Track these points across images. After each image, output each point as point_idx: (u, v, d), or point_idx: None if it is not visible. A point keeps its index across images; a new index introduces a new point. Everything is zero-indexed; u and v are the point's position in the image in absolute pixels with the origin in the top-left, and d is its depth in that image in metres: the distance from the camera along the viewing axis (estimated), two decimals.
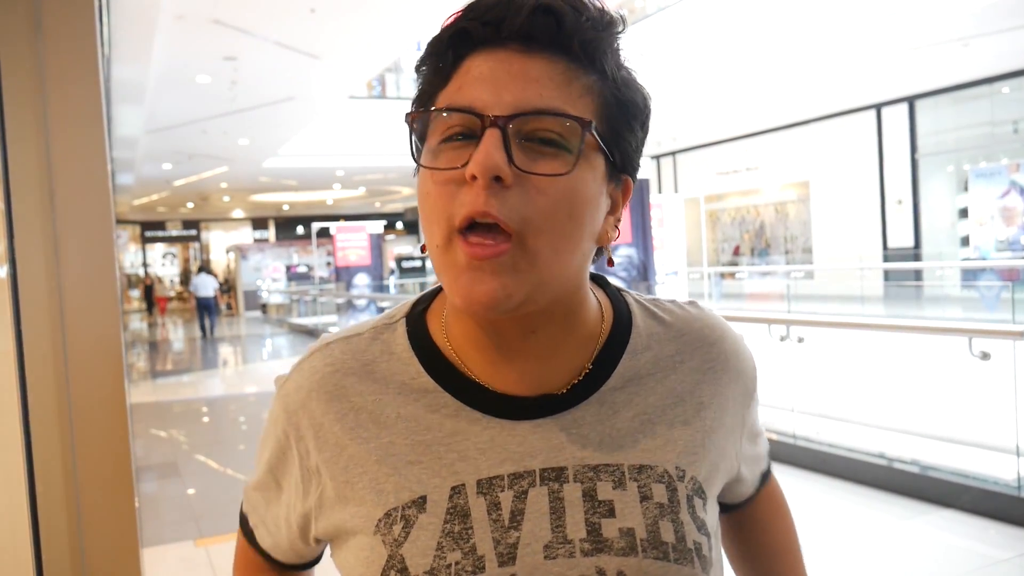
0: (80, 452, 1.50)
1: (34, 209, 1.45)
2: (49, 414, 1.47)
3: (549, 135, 0.63)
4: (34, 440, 1.45)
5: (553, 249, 0.64)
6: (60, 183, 1.47)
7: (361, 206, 31.75)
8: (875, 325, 6.61)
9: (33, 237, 1.45)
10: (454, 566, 0.65)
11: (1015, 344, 4.32)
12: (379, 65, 11.75)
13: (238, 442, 7.61)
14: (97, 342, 1.50)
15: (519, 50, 0.64)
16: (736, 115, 16.29)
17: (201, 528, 4.76)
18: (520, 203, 0.62)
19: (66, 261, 1.47)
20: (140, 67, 9.40)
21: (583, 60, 0.65)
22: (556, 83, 0.64)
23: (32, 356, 1.45)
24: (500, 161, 0.61)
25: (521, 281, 0.63)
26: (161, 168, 18.89)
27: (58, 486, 1.47)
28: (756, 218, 20.23)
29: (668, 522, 0.69)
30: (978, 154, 14.70)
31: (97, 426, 1.51)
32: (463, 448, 0.70)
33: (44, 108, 1.46)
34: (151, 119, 13.01)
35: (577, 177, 0.64)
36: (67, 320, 1.47)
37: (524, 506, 0.68)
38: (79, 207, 1.48)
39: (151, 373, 13.22)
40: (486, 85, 0.64)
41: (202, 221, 33.53)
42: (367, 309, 17.39)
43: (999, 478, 4.27)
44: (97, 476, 1.50)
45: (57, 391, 1.48)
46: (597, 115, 0.66)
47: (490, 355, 0.71)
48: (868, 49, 11.20)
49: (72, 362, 1.48)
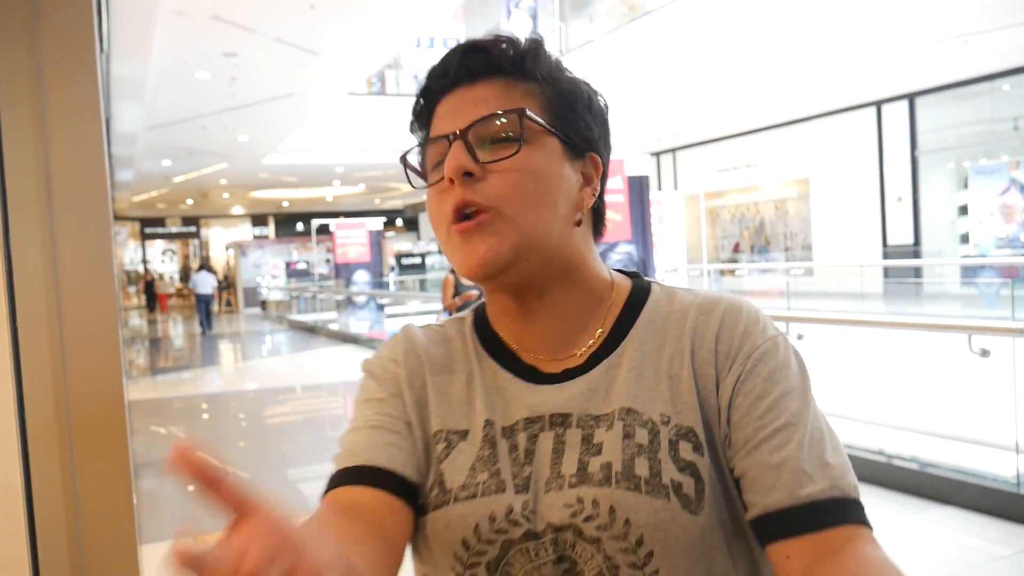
0: (78, 448, 1.50)
1: (31, 205, 1.45)
2: (46, 411, 1.47)
3: (500, 133, 0.81)
4: (31, 437, 1.44)
5: (526, 211, 0.80)
6: (58, 179, 1.47)
7: (361, 203, 31.76)
8: (875, 322, 6.61)
9: (30, 233, 1.45)
10: (481, 484, 0.80)
11: (1015, 341, 4.32)
12: (379, 61, 11.75)
13: (238, 439, 7.61)
14: (95, 339, 1.50)
15: (466, 85, 0.84)
16: (736, 112, 16.28)
17: (201, 525, 4.75)
18: (490, 187, 0.79)
19: (63, 257, 1.47)
20: (140, 63, 9.39)
21: (516, 75, 0.84)
22: (498, 96, 0.82)
23: (29, 353, 1.45)
24: (464, 161, 0.79)
25: (504, 240, 0.79)
26: (161, 164, 18.88)
27: (55, 482, 1.46)
28: (756, 215, 20.23)
29: (644, 459, 0.78)
30: (978, 151, 14.69)
31: (95, 422, 1.50)
32: (498, 400, 0.86)
33: (42, 104, 1.46)
34: (151, 115, 13.00)
35: (530, 156, 0.81)
36: (64, 317, 1.46)
37: (535, 447, 0.82)
38: (77, 203, 1.48)
39: (151, 370, 13.22)
40: (449, 117, 0.84)
41: (202, 218, 33.52)
42: (367, 306, 17.39)
43: (998, 475, 4.27)
44: (95, 472, 1.50)
45: (54, 387, 1.48)
46: (540, 109, 0.83)
47: (516, 319, 0.89)
48: (868, 46, 11.19)
49: (70, 359, 1.48)
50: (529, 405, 0.85)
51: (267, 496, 0.54)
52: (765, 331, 0.83)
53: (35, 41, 1.46)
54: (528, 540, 0.77)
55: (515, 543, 0.77)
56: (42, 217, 1.45)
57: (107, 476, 1.51)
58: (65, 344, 1.47)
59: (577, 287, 0.87)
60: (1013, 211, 13.51)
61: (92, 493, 1.50)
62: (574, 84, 0.87)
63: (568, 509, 0.77)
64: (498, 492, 0.79)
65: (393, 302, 18.00)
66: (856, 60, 12.09)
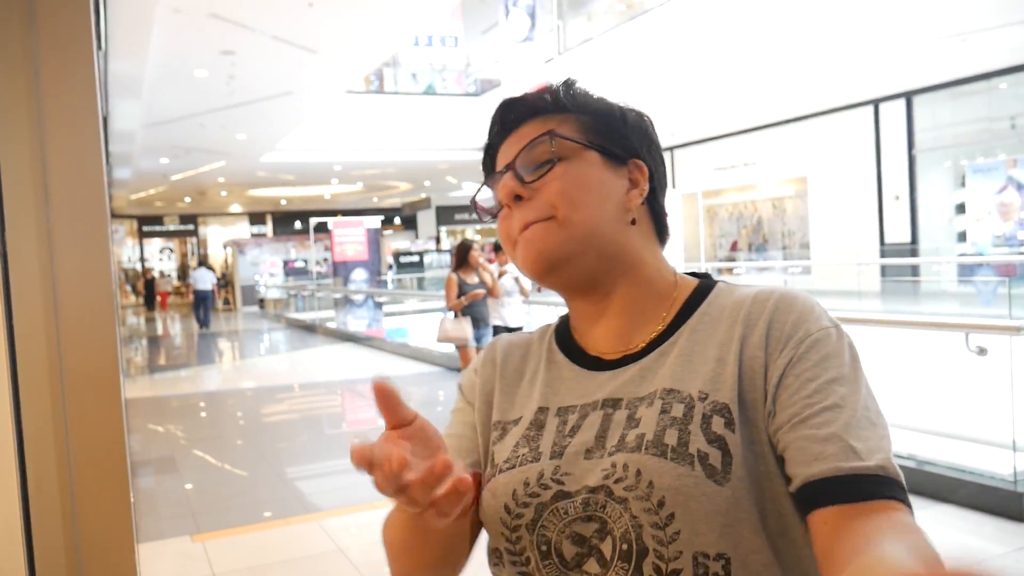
0: (74, 447, 1.50)
1: (27, 204, 1.45)
2: (43, 409, 1.46)
3: (541, 158, 0.93)
4: (26, 435, 1.44)
5: (573, 211, 0.90)
6: (54, 178, 1.47)
7: (359, 201, 31.73)
8: (872, 320, 6.61)
9: (26, 232, 1.45)
10: (520, 456, 0.90)
11: (1011, 339, 4.32)
12: (377, 60, 11.73)
13: (236, 437, 7.61)
14: (91, 336, 1.50)
15: (514, 131, 0.97)
16: (733, 110, 16.28)
17: (198, 523, 4.76)
18: (540, 201, 0.91)
19: (60, 256, 1.47)
20: (137, 61, 9.38)
21: (553, 111, 0.96)
22: (537, 131, 0.94)
23: (25, 352, 1.45)
24: (513, 186, 0.93)
25: (556, 237, 0.90)
26: (158, 162, 18.85)
27: (52, 481, 1.46)
28: (754, 213, 20.24)
29: (675, 430, 0.83)
30: (975, 150, 14.70)
31: (92, 420, 1.50)
32: (557, 387, 0.96)
33: (38, 101, 1.45)
34: (148, 113, 12.98)
35: (568, 167, 0.92)
36: (61, 315, 1.46)
37: (583, 423, 0.90)
38: (74, 201, 1.48)
39: (149, 368, 13.21)
40: (501, 158, 0.98)
41: (199, 216, 33.47)
42: (364, 304, 17.38)
43: (996, 473, 4.27)
44: (92, 471, 1.49)
45: (51, 386, 1.47)
46: (576, 131, 0.94)
47: (588, 318, 0.98)
48: (866, 44, 11.19)
49: (66, 357, 1.48)
50: (585, 390, 0.93)
51: (416, 414, 0.78)
52: (820, 320, 0.85)
53: (32, 38, 1.45)
54: (559, 500, 0.85)
55: (547, 505, 0.86)
56: (39, 215, 1.45)
57: (104, 474, 1.51)
58: (61, 342, 1.47)
59: (639, 284, 0.95)
60: (1010, 209, 13.52)
61: (89, 491, 1.49)
62: (605, 104, 0.98)
63: (603, 472, 0.84)
64: (533, 461, 0.89)
65: (391, 300, 17.99)
66: (854, 58, 12.09)
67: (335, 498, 4.94)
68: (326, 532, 4.49)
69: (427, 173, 24.52)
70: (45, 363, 1.45)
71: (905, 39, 11.06)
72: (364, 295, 17.39)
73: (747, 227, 20.42)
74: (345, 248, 18.58)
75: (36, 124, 1.45)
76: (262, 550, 4.24)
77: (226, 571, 3.99)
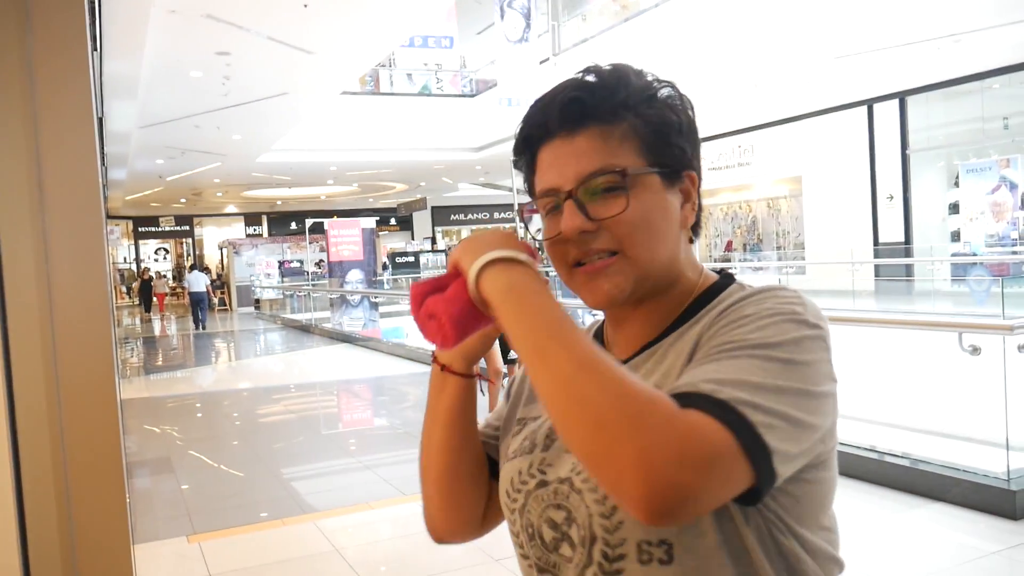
0: (69, 448, 1.50)
1: (22, 204, 1.45)
2: (38, 410, 1.46)
3: (606, 185, 0.88)
4: (21, 436, 1.44)
5: (644, 251, 0.89)
6: (49, 178, 1.47)
7: (354, 202, 31.69)
8: (866, 320, 6.63)
9: (21, 232, 1.45)
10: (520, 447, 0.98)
11: (1004, 339, 4.34)
12: (372, 60, 11.73)
13: (232, 438, 7.60)
14: (87, 338, 1.50)
15: (566, 135, 0.90)
16: (728, 110, 16.30)
17: (194, 524, 4.75)
18: (609, 236, 0.88)
19: (55, 256, 1.47)
20: (133, 62, 9.37)
21: (612, 119, 0.90)
22: (596, 147, 0.89)
23: (20, 353, 1.45)
24: (579, 222, 0.88)
25: (627, 278, 0.89)
26: (154, 163, 18.81)
27: (47, 482, 1.46)
28: (748, 213, 20.26)
29: None
30: (968, 150, 14.74)
31: (87, 421, 1.50)
32: None
33: (33, 102, 1.45)
34: (144, 114, 12.96)
35: (637, 204, 0.88)
36: (56, 316, 1.46)
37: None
38: (68, 202, 1.48)
39: (144, 369, 13.19)
40: (553, 169, 0.91)
41: (195, 216, 33.41)
42: (360, 304, 17.37)
43: (989, 471, 4.29)
44: (87, 472, 1.49)
45: (46, 386, 1.48)
46: (637, 150, 0.90)
47: (617, 322, 0.98)
48: (860, 45, 11.21)
49: (61, 358, 1.48)
50: None
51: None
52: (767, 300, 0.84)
53: (27, 39, 1.45)
54: (539, 488, 0.92)
55: (531, 492, 0.92)
56: (34, 215, 1.45)
57: (99, 475, 1.51)
58: (57, 343, 1.47)
59: (670, 293, 0.94)
60: (1003, 209, 13.57)
61: (84, 492, 1.49)
62: (669, 111, 0.95)
63: (571, 465, 0.89)
64: (528, 453, 0.95)
65: (387, 301, 17.99)
66: (848, 59, 12.11)
67: (331, 498, 4.94)
68: (322, 532, 4.49)
69: (423, 174, 24.50)
70: (40, 365, 1.45)
71: (899, 39, 11.08)
72: (360, 295, 17.37)
73: (742, 227, 20.45)
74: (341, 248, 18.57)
75: (31, 125, 1.45)
76: (258, 550, 4.24)
77: (222, 571, 3.99)
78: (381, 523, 4.70)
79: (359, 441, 7.09)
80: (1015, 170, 13.47)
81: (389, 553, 4.24)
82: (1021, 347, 4.17)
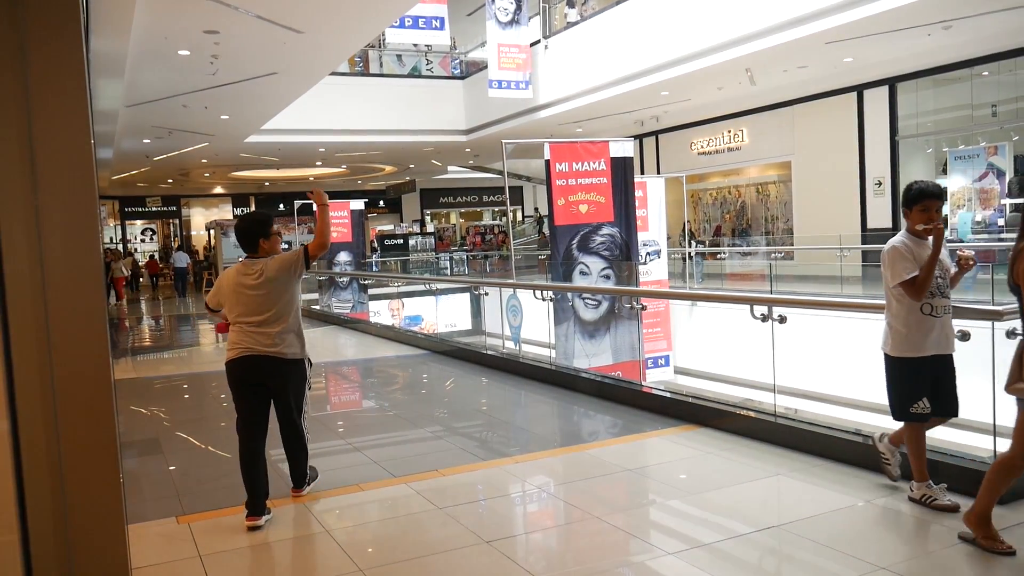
0: (64, 430, 1.50)
1: (16, 185, 1.44)
2: (33, 391, 1.46)
3: None
4: (20, 417, 1.44)
5: None
6: (42, 158, 1.45)
7: (343, 183, 31.55)
8: (854, 304, 6.67)
9: (16, 212, 1.44)
10: None
11: (993, 324, 4.38)
12: (362, 41, 11.65)
13: (219, 419, 7.59)
14: (81, 318, 1.49)
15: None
16: (718, 96, 16.30)
17: (183, 505, 4.75)
18: None
19: (49, 237, 1.46)
20: (120, 39, 9.26)
21: None
22: None
23: (16, 333, 1.44)
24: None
25: None
26: (141, 143, 18.66)
27: (43, 465, 1.46)
28: (737, 198, 20.32)
29: None
30: (957, 137, 14.82)
31: (81, 403, 1.50)
32: None
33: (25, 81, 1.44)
34: (131, 93, 12.84)
35: None
36: (50, 296, 1.45)
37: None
38: (62, 183, 1.47)
39: (131, 350, 13.13)
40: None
41: (182, 197, 33.21)
42: (349, 287, 17.34)
43: (977, 455, 4.35)
44: (82, 454, 1.49)
45: (40, 369, 1.47)
46: None
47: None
48: (850, 31, 11.21)
49: (55, 339, 1.47)
50: None
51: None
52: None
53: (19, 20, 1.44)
54: None
55: None
56: (28, 196, 1.44)
57: (94, 457, 1.51)
58: (51, 324, 1.46)
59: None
60: (991, 196, 13.64)
61: (79, 474, 1.49)
62: None
63: None
64: None
65: (375, 283, 17.95)
66: (838, 45, 12.12)
67: (321, 480, 4.95)
68: (312, 513, 4.50)
69: (412, 156, 24.42)
70: (35, 345, 1.45)
71: (889, 26, 11.09)
72: (348, 277, 17.33)
73: (731, 212, 20.49)
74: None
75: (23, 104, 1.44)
76: (248, 532, 4.25)
77: (212, 552, 3.99)
78: (371, 504, 4.71)
79: (348, 423, 7.09)
80: (1002, 157, 13.53)
81: (379, 534, 4.25)
82: (1009, 333, 4.20)
